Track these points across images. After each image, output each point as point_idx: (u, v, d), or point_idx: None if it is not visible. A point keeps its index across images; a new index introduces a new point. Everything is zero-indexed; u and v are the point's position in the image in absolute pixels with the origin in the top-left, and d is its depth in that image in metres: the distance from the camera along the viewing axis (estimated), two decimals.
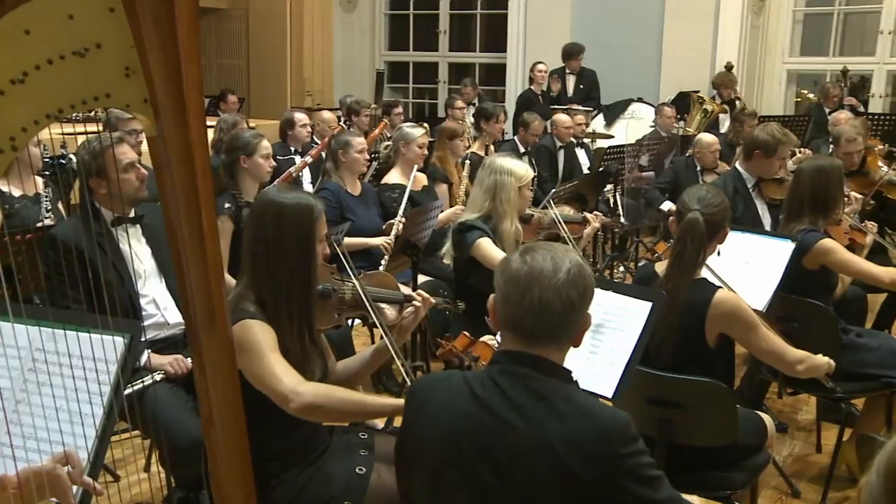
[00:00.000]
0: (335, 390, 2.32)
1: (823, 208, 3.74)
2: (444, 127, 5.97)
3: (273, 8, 10.62)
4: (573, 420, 1.66)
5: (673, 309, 2.74)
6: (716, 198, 2.87)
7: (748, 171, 4.69)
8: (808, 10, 9.45)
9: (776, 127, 4.74)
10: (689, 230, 2.78)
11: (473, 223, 3.82)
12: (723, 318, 2.74)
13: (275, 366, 2.22)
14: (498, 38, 10.76)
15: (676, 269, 2.81)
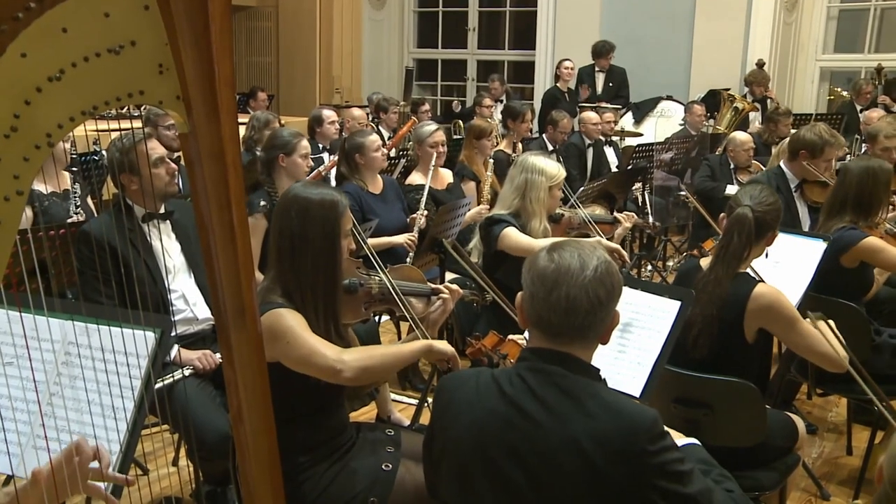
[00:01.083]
0: (372, 349, 2.42)
1: (866, 210, 3.69)
2: (472, 125, 5.96)
3: (303, 5, 10.68)
4: (601, 418, 1.66)
5: (713, 300, 2.75)
6: (769, 197, 2.88)
7: (792, 171, 4.63)
8: (843, 6, 9.33)
9: (824, 128, 4.66)
10: (737, 224, 2.80)
11: (501, 216, 3.83)
12: (762, 312, 2.73)
13: (315, 343, 2.27)
14: (526, 36, 10.73)
15: (720, 260, 2.82)
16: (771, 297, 2.74)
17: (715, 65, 9.08)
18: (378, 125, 7.84)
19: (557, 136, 6.81)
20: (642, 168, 6.34)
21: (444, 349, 2.44)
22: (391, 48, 11.67)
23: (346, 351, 2.31)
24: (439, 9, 11.55)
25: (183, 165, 3.26)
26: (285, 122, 6.70)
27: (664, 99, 9.13)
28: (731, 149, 6.18)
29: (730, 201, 2.95)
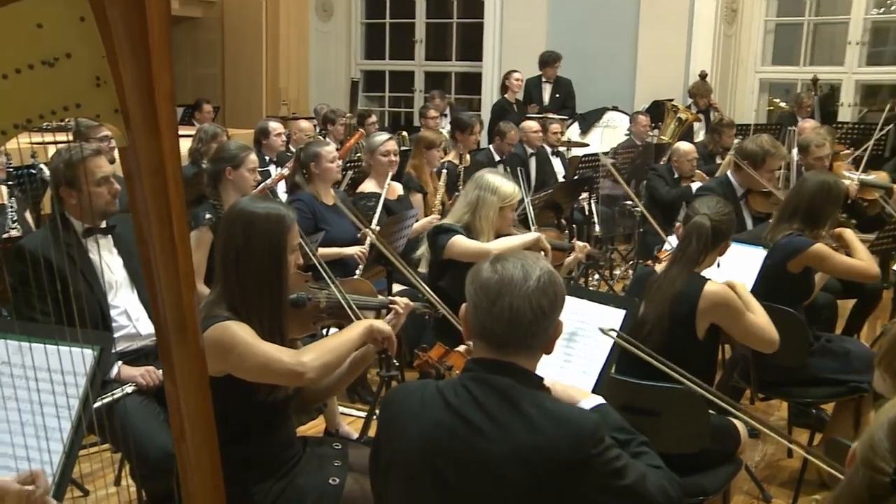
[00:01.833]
0: (323, 344, 2.39)
1: (815, 221, 3.77)
2: (421, 136, 5.98)
3: (248, 17, 10.60)
4: (545, 427, 1.67)
5: (666, 298, 2.88)
6: (724, 208, 3.04)
7: (738, 181, 4.73)
8: (779, 21, 9.57)
9: (767, 139, 4.78)
10: (695, 230, 2.94)
11: (450, 226, 3.84)
12: (714, 308, 2.87)
13: (270, 350, 2.26)
14: (474, 47, 10.80)
15: (676, 262, 2.96)
16: (721, 294, 2.88)
17: (659, 76, 9.24)
18: (325, 137, 7.80)
19: (505, 147, 6.86)
20: (588, 178, 6.41)
21: (383, 328, 2.48)
22: (338, 59, 11.64)
23: (302, 352, 2.31)
24: (386, 20, 11.57)
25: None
26: (231, 135, 6.64)
27: (610, 110, 9.25)
28: (676, 159, 6.28)
29: (687, 210, 3.09)
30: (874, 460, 1.16)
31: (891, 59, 9.34)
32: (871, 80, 9.42)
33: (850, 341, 4.09)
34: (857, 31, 9.07)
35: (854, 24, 9.07)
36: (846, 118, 8.95)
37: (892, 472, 1.14)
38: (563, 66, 9.21)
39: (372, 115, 8.25)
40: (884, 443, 1.17)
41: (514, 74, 9.04)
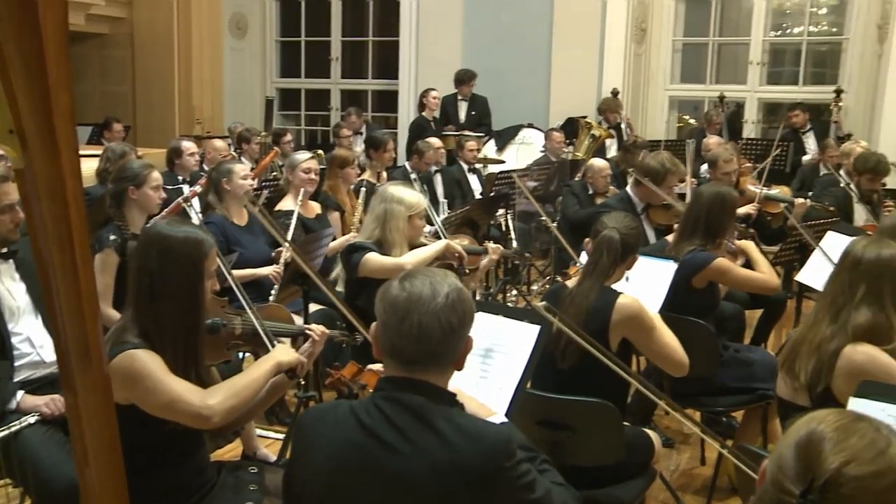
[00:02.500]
0: (233, 384, 2.32)
1: (714, 233, 3.89)
2: (335, 155, 5.95)
3: (159, 34, 10.39)
4: (458, 443, 1.68)
5: (580, 312, 2.90)
6: (631, 223, 3.14)
7: (637, 196, 4.84)
8: (685, 40, 9.87)
9: (667, 156, 4.92)
10: (605, 244, 3.00)
11: (362, 244, 3.84)
12: (626, 322, 2.91)
13: (178, 389, 2.19)
14: (390, 66, 10.82)
15: (588, 276, 3.01)
16: (633, 308, 2.92)
17: (572, 93, 9.41)
18: (240, 156, 7.69)
19: (422, 165, 6.89)
20: (505, 195, 6.48)
21: (289, 360, 2.45)
22: (253, 78, 11.51)
23: (210, 392, 2.23)
24: (301, 38, 11.50)
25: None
26: (143, 154, 6.48)
27: (525, 127, 9.37)
28: (590, 175, 6.40)
29: (595, 226, 3.13)
30: (783, 482, 1.20)
31: (789, 78, 9.73)
32: (771, 99, 9.80)
33: (757, 350, 4.22)
34: (757, 51, 9.43)
35: (754, 45, 9.43)
36: (750, 134, 9.27)
37: (798, 495, 1.18)
38: (478, 84, 9.31)
39: (287, 134, 8.18)
40: (791, 465, 1.21)
41: (431, 92, 9.09)
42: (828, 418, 1.24)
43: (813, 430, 1.23)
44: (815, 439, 1.21)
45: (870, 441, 1.19)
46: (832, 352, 2.52)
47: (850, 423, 1.23)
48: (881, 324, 2.51)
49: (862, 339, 2.50)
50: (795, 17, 9.75)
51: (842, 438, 1.20)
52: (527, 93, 9.57)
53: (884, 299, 2.52)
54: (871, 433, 1.21)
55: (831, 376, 2.51)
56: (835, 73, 9.33)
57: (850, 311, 2.53)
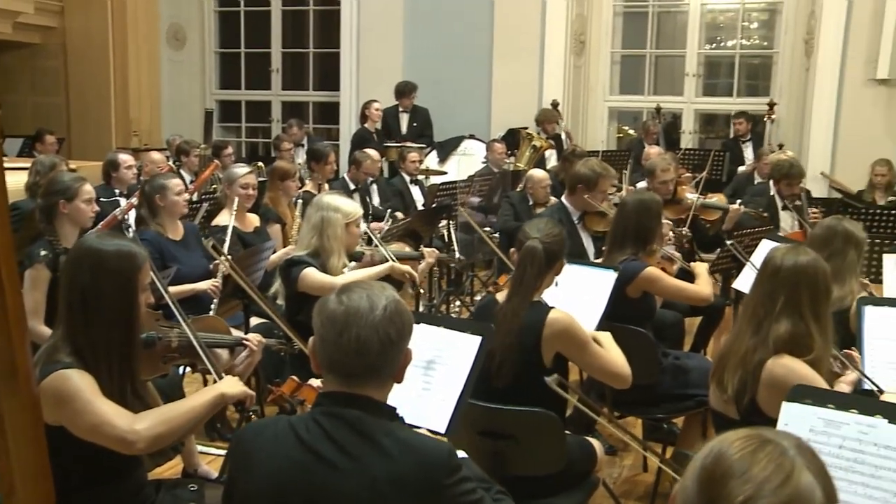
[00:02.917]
0: (167, 411, 2.28)
1: (644, 240, 3.95)
2: (275, 167, 5.90)
3: (93, 44, 10.18)
4: (398, 457, 1.67)
5: (511, 330, 2.86)
6: (554, 229, 3.05)
7: (573, 204, 4.89)
8: (623, 52, 10.03)
9: (596, 162, 4.99)
10: (528, 256, 2.94)
11: (300, 258, 3.81)
12: (557, 337, 2.87)
13: (106, 412, 2.13)
14: (331, 77, 10.77)
15: (516, 292, 2.95)
16: (564, 322, 2.88)
17: (513, 105, 9.48)
18: (179, 168, 7.59)
19: (360, 176, 6.87)
20: (447, 206, 6.49)
21: (236, 393, 2.39)
22: (192, 89, 11.35)
23: (140, 417, 2.18)
24: (241, 49, 11.39)
25: None
26: (78, 167, 6.35)
27: (466, 138, 9.41)
28: (530, 186, 6.45)
29: (519, 236, 3.08)
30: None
31: (724, 90, 9.95)
32: (707, 110, 10.02)
33: (696, 357, 4.28)
34: (692, 64, 9.63)
35: (690, 57, 9.63)
36: (687, 144, 9.46)
37: None
38: (420, 95, 9.33)
39: (228, 147, 8.08)
40: (693, 493, 1.20)
41: (373, 104, 9.08)
42: (733, 445, 1.20)
43: (716, 459, 1.20)
44: (717, 473, 1.19)
45: (774, 469, 1.16)
46: (755, 364, 2.53)
47: (754, 450, 1.19)
48: (801, 334, 2.52)
49: (783, 350, 2.51)
50: (728, 31, 9.99)
51: (745, 469, 1.17)
52: (468, 104, 9.62)
53: (803, 309, 2.53)
54: (776, 459, 1.18)
55: (756, 388, 2.53)
56: (767, 84, 9.58)
57: (771, 322, 2.54)
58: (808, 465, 1.18)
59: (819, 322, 2.55)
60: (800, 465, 1.18)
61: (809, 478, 1.17)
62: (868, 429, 1.85)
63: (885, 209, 6.50)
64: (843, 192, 8.05)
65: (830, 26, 8.41)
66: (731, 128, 9.48)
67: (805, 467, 1.18)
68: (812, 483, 1.17)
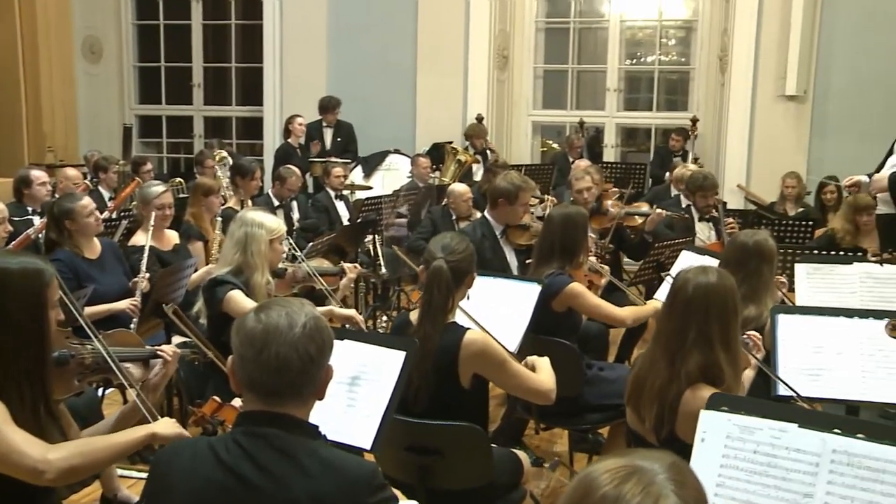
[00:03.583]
0: (88, 443, 2.22)
1: (570, 253, 4.01)
2: (198, 183, 5.80)
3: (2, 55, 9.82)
4: (320, 476, 1.66)
5: (426, 355, 2.81)
6: (460, 244, 2.97)
7: (495, 218, 4.94)
8: (546, 67, 10.17)
9: (516, 175, 5.04)
10: (434, 278, 2.88)
11: (224, 278, 3.74)
12: (474, 358, 2.84)
13: (16, 440, 2.06)
14: (254, 92, 10.65)
15: (426, 315, 2.89)
16: (480, 343, 2.85)
17: (438, 119, 9.52)
18: (97, 185, 7.40)
19: (284, 192, 6.82)
20: (372, 221, 6.47)
21: (169, 433, 2.30)
22: (110, 104, 11.07)
23: (56, 447, 2.10)
24: (161, 63, 11.17)
25: None
26: None
27: (391, 153, 9.41)
28: (452, 200, 6.49)
29: (424, 255, 3.02)
30: None
31: (644, 105, 10.19)
32: (628, 124, 10.23)
33: (620, 367, 4.36)
34: (613, 79, 9.83)
35: (611, 72, 9.83)
36: (610, 158, 9.65)
37: None
38: (344, 110, 9.29)
39: (148, 163, 7.92)
40: None
41: (297, 119, 9.00)
42: (602, 477, 1.20)
43: (587, 491, 1.21)
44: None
45: (641, 498, 1.17)
46: (672, 398, 2.53)
47: (622, 481, 1.20)
48: (713, 365, 2.53)
49: (699, 381, 2.52)
50: (647, 47, 10.23)
51: (615, 501, 1.17)
52: (393, 119, 9.63)
53: (713, 341, 2.54)
54: (645, 488, 1.19)
55: (674, 420, 2.53)
56: (685, 99, 9.84)
57: (684, 354, 2.54)
58: (676, 490, 1.19)
59: (729, 351, 2.56)
60: (667, 492, 1.19)
61: (675, 502, 1.18)
62: (780, 433, 1.91)
63: (795, 220, 6.74)
64: (757, 203, 8.31)
65: (742, 44, 8.70)
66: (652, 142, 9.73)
67: (672, 492, 1.19)
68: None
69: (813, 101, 8.59)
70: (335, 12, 9.81)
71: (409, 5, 9.56)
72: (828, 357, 3.06)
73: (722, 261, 3.57)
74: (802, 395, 2.86)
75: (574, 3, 9.93)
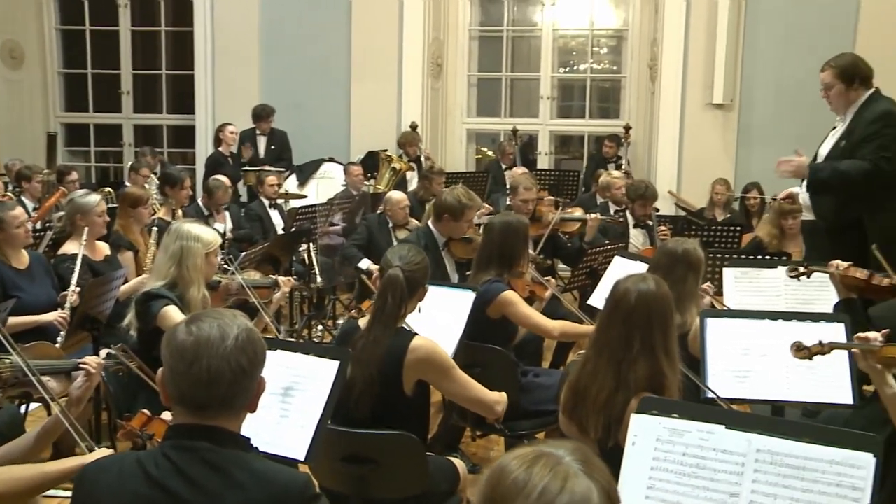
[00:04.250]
0: (11, 470, 2.16)
1: (509, 261, 4.04)
2: (126, 193, 5.67)
3: None
4: (252, 489, 1.63)
5: (373, 360, 2.84)
6: (416, 256, 3.05)
7: (439, 230, 4.96)
8: (480, 75, 10.24)
9: (462, 191, 5.05)
10: (390, 285, 2.93)
11: (159, 292, 3.65)
12: (420, 364, 2.87)
13: None
14: (186, 100, 10.47)
15: (378, 321, 2.93)
16: (427, 349, 2.88)
17: (372, 127, 9.49)
18: (20, 195, 7.18)
19: (213, 204, 6.74)
20: (307, 229, 6.42)
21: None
22: (33, 111, 10.75)
23: None
24: (88, 70, 10.90)
25: None
26: None
27: (326, 161, 9.35)
28: (388, 208, 6.48)
29: (381, 263, 3.08)
30: None
31: (577, 112, 10.32)
32: (562, 131, 10.35)
33: (555, 373, 4.39)
34: (546, 87, 9.94)
35: (544, 80, 9.93)
36: (544, 165, 9.74)
37: None
38: (278, 118, 9.21)
39: (73, 172, 7.70)
40: None
41: (228, 127, 8.89)
42: (512, 462, 1.26)
43: (499, 477, 1.26)
44: (500, 492, 1.24)
45: (551, 478, 1.22)
46: (619, 408, 2.53)
47: (531, 463, 1.25)
48: (658, 373, 2.56)
49: (645, 390, 2.53)
50: (580, 56, 10.37)
51: (525, 483, 1.22)
52: (327, 127, 9.58)
53: (656, 348, 2.57)
54: (552, 468, 1.24)
55: (619, 431, 2.51)
56: (618, 107, 10.00)
57: (630, 363, 2.56)
58: (584, 469, 1.24)
59: (669, 357, 2.60)
60: (574, 471, 1.24)
61: (585, 481, 1.23)
62: (708, 435, 1.95)
63: (724, 225, 6.90)
64: (687, 209, 8.49)
65: (671, 54, 8.89)
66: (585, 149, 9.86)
67: (581, 472, 1.24)
68: (588, 486, 1.23)
69: (739, 110, 8.81)
70: (268, 19, 9.72)
71: (343, 13, 9.53)
72: (754, 359, 3.13)
73: (651, 266, 3.63)
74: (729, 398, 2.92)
75: (507, 12, 10.01)
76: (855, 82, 4.53)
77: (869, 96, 4.56)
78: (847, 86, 4.53)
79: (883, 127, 4.41)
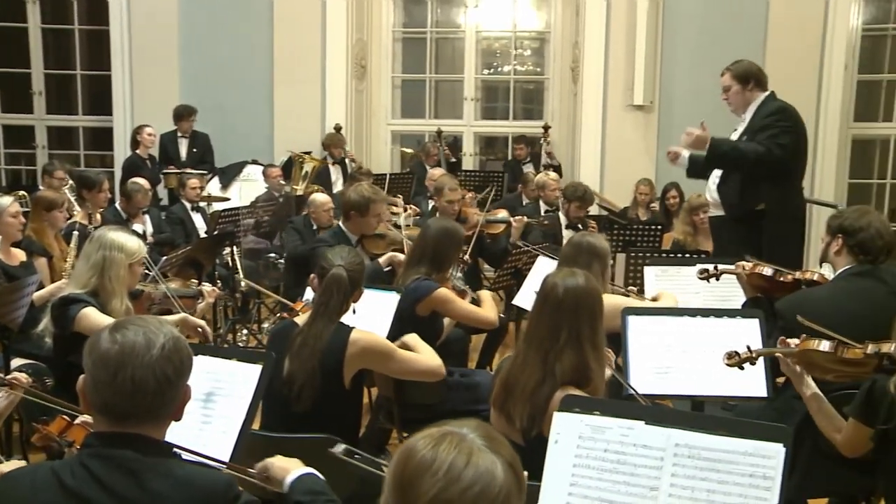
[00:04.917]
0: None
1: (439, 264, 4.07)
2: (40, 197, 5.50)
3: None
4: (174, 495, 1.61)
5: (314, 353, 2.95)
6: (356, 258, 3.22)
7: (349, 229, 4.93)
8: (404, 77, 10.24)
9: (366, 186, 5.06)
10: (334, 283, 3.05)
11: (77, 296, 3.55)
12: (362, 354, 3.01)
13: None
14: (102, 100, 10.18)
15: (321, 315, 3.05)
16: (366, 339, 3.05)
17: (296, 129, 9.40)
18: None
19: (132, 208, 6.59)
20: (230, 233, 6.33)
21: None
22: None
23: None
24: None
25: None
26: None
27: (249, 163, 9.23)
28: (312, 210, 6.43)
29: (321, 262, 3.17)
30: None
31: (502, 113, 10.41)
32: (486, 132, 10.43)
33: (481, 373, 4.42)
34: (471, 88, 10.00)
35: (468, 82, 9.99)
36: (469, 166, 9.80)
37: None
38: (200, 120, 9.04)
39: None
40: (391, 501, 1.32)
41: (145, 129, 8.68)
42: (419, 443, 1.33)
43: (407, 458, 1.32)
44: (408, 472, 1.31)
45: (456, 454, 1.29)
46: (544, 398, 2.59)
47: (437, 442, 1.32)
48: (583, 365, 2.63)
49: (569, 383, 2.59)
50: (504, 57, 10.46)
51: (432, 461, 1.29)
52: (250, 129, 9.45)
53: (583, 341, 2.64)
54: (457, 445, 1.30)
55: (543, 421, 2.56)
56: (541, 108, 10.11)
57: (557, 353, 2.62)
58: (488, 445, 1.30)
59: (596, 350, 2.67)
60: (478, 446, 1.31)
61: (489, 456, 1.30)
62: (628, 431, 1.99)
63: (646, 224, 7.05)
64: (610, 209, 8.64)
65: (592, 56, 9.04)
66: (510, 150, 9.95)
67: (485, 447, 1.31)
68: (492, 460, 1.30)
69: (659, 111, 9.01)
70: (187, 18, 9.53)
71: (265, 13, 9.41)
72: (675, 355, 3.21)
73: (560, 259, 3.74)
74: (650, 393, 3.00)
75: (431, 14, 10.04)
76: (750, 83, 4.93)
77: (766, 97, 4.95)
78: (743, 86, 4.94)
79: (777, 120, 4.80)
